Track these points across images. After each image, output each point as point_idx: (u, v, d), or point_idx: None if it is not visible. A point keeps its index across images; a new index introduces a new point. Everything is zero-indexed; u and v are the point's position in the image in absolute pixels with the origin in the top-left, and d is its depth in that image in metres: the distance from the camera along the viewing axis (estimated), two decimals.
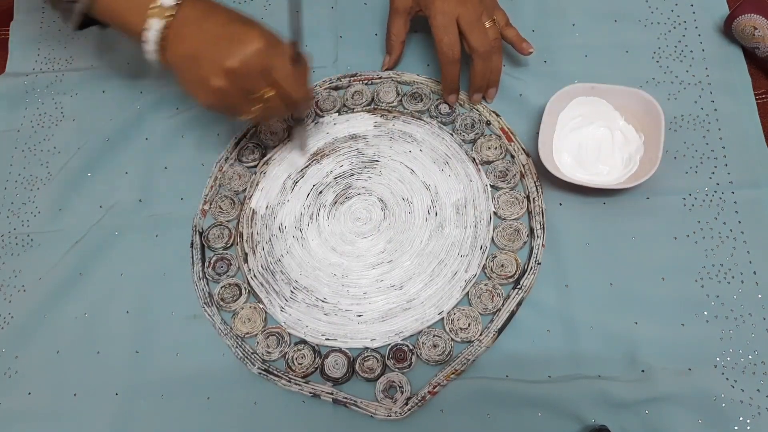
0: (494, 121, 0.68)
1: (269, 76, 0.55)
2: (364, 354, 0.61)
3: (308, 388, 0.60)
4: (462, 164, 0.67)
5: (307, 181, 0.68)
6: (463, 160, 0.67)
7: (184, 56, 0.55)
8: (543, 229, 0.63)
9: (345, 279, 0.64)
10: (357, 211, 0.67)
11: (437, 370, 0.59)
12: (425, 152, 0.68)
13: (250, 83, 0.55)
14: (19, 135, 0.75)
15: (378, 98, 0.71)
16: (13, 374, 0.64)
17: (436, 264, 0.63)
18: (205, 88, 0.55)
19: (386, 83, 0.71)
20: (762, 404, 0.55)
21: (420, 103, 0.70)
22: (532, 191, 0.64)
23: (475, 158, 0.67)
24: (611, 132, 0.64)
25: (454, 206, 0.65)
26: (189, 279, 0.65)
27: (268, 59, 0.54)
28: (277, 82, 0.56)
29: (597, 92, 0.64)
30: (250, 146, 0.71)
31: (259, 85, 0.55)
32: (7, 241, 0.70)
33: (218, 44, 0.54)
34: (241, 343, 0.62)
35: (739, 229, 0.61)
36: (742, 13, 0.65)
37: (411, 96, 0.71)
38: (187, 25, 0.55)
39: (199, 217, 0.68)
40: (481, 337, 0.60)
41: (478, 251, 0.63)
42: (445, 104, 0.69)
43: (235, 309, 0.63)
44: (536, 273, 0.61)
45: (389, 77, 0.72)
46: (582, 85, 0.64)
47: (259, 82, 0.55)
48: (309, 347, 0.61)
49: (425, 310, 0.62)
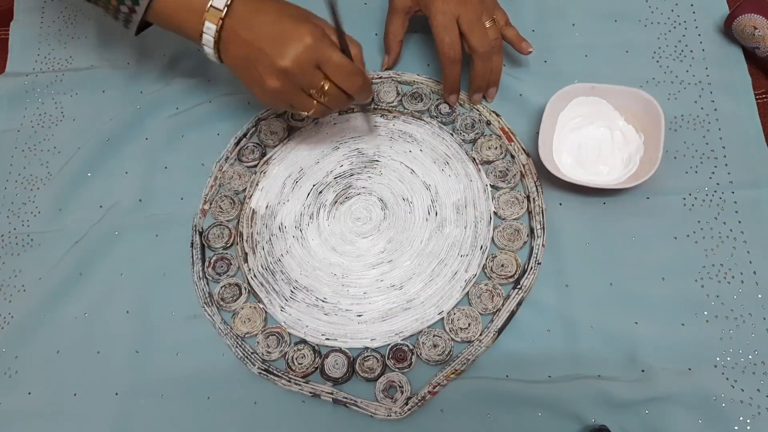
0: (494, 121, 0.68)
1: (323, 70, 0.55)
2: (364, 354, 0.60)
3: (308, 388, 0.60)
4: (462, 164, 0.67)
5: (307, 181, 0.68)
6: (463, 160, 0.67)
7: (238, 58, 0.56)
8: (543, 229, 0.63)
9: (345, 279, 0.64)
10: (357, 210, 0.67)
11: (437, 370, 0.59)
12: (425, 152, 0.68)
13: (305, 80, 0.55)
14: (19, 135, 0.75)
15: (378, 98, 0.71)
16: (13, 374, 0.64)
17: (436, 264, 0.63)
18: (262, 89, 0.56)
19: (386, 83, 0.71)
20: (762, 404, 0.55)
21: (420, 103, 0.70)
22: (532, 191, 0.64)
23: (475, 158, 0.67)
24: (611, 132, 0.64)
25: (454, 206, 0.65)
26: (189, 279, 0.65)
27: (320, 53, 0.54)
28: (331, 75, 0.55)
29: (597, 92, 0.64)
30: (250, 146, 0.71)
31: (315, 81, 0.55)
32: (7, 241, 0.70)
33: (270, 44, 0.54)
34: (241, 342, 0.62)
35: (739, 229, 0.61)
36: (742, 13, 0.65)
37: (411, 96, 0.71)
38: (240, 26, 0.55)
39: (199, 216, 0.68)
40: (481, 337, 0.60)
41: (478, 251, 0.63)
42: (446, 104, 0.69)
43: (235, 309, 0.63)
44: (536, 273, 0.61)
45: (389, 77, 0.72)
46: (582, 85, 0.64)
47: (314, 78, 0.55)
48: (309, 347, 0.61)
49: (425, 310, 0.62)
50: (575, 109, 0.65)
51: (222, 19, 0.55)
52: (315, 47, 0.54)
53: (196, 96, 0.73)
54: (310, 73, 0.55)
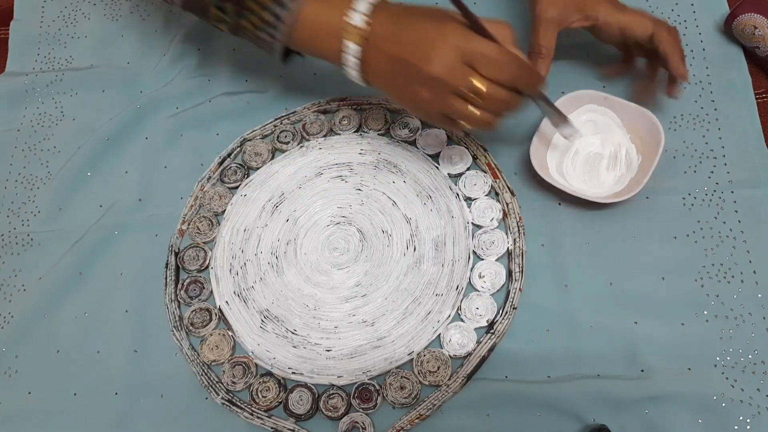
0: (481, 156, 0.67)
1: (474, 67, 0.50)
2: (329, 391, 0.59)
3: (270, 422, 0.58)
4: (445, 199, 0.65)
5: (287, 207, 0.67)
6: (446, 195, 0.65)
7: (385, 74, 0.53)
8: (522, 272, 0.61)
9: (317, 311, 0.62)
10: (335, 240, 0.65)
11: (402, 414, 0.58)
12: (409, 184, 0.66)
13: (457, 82, 0.50)
14: (19, 135, 0.75)
15: (366, 124, 0.69)
16: (13, 374, 0.64)
17: (410, 302, 0.62)
18: (416, 103, 0.53)
19: (375, 109, 0.70)
20: (762, 404, 0.55)
21: (407, 130, 0.68)
22: (513, 231, 0.63)
23: (458, 194, 0.65)
24: (615, 148, 0.63)
25: (434, 242, 0.63)
26: None
27: (466, 48, 0.50)
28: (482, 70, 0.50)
29: (609, 104, 0.63)
30: (233, 166, 0.69)
31: (468, 82, 0.50)
32: (7, 241, 0.70)
33: (413, 53, 0.51)
34: (207, 370, 0.61)
35: (739, 229, 0.61)
36: (743, 13, 0.65)
37: (399, 124, 0.69)
38: (380, 40, 0.52)
39: (177, 237, 0.67)
40: (449, 381, 0.58)
41: (453, 291, 0.62)
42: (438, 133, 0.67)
43: (204, 335, 0.62)
44: (511, 318, 0.60)
45: (378, 103, 0.70)
46: (595, 92, 0.63)
47: (466, 79, 0.50)
48: (275, 380, 0.60)
49: (395, 349, 0.60)
50: (584, 115, 0.64)
51: (365, 38, 0.52)
52: (459, 44, 0.50)
53: (196, 96, 0.73)
54: (459, 74, 0.50)
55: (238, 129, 0.72)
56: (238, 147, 0.71)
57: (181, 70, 0.75)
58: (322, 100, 0.72)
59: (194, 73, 0.75)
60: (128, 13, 0.80)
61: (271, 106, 0.72)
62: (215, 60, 0.75)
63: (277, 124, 0.71)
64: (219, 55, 0.76)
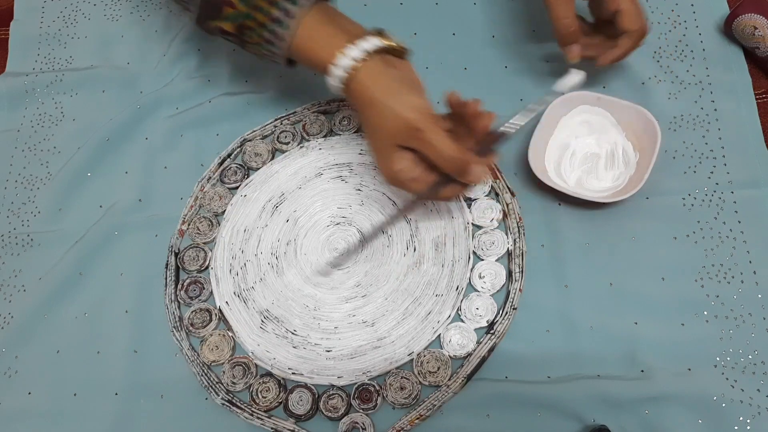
0: None
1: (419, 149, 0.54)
2: (329, 391, 0.59)
3: (270, 423, 0.58)
4: None
5: (287, 207, 0.67)
6: None
7: (361, 99, 0.54)
8: (522, 272, 0.61)
9: (317, 311, 0.62)
10: (335, 241, 0.65)
11: (402, 414, 0.58)
12: None
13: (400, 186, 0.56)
14: (19, 135, 0.75)
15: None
16: (13, 374, 0.64)
17: (410, 302, 0.62)
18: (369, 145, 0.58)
19: None
20: (762, 404, 0.55)
21: None
22: (513, 232, 0.63)
23: None
24: (611, 147, 0.64)
25: (434, 243, 0.64)
26: None
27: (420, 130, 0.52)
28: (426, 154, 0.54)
29: (602, 103, 0.64)
30: (233, 167, 0.69)
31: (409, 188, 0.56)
32: (7, 241, 0.70)
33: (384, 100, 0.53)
34: (207, 371, 0.61)
35: (739, 229, 0.61)
36: (743, 13, 0.65)
37: None
38: (366, 77, 0.54)
39: (177, 237, 0.67)
40: (449, 382, 0.58)
41: (453, 292, 0.62)
42: None
43: (204, 335, 0.62)
44: (511, 318, 0.60)
45: None
46: (588, 93, 0.64)
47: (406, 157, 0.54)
48: (275, 380, 0.60)
49: (395, 349, 0.60)
50: (577, 116, 0.65)
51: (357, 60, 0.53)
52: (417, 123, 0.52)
53: (196, 96, 0.73)
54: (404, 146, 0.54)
55: (238, 129, 0.72)
56: (238, 147, 0.71)
57: (181, 71, 0.75)
58: (322, 101, 0.72)
59: (194, 73, 0.75)
60: (128, 14, 0.80)
61: (271, 107, 0.72)
62: (215, 60, 0.75)
63: (277, 125, 0.71)
64: (219, 56, 0.76)
